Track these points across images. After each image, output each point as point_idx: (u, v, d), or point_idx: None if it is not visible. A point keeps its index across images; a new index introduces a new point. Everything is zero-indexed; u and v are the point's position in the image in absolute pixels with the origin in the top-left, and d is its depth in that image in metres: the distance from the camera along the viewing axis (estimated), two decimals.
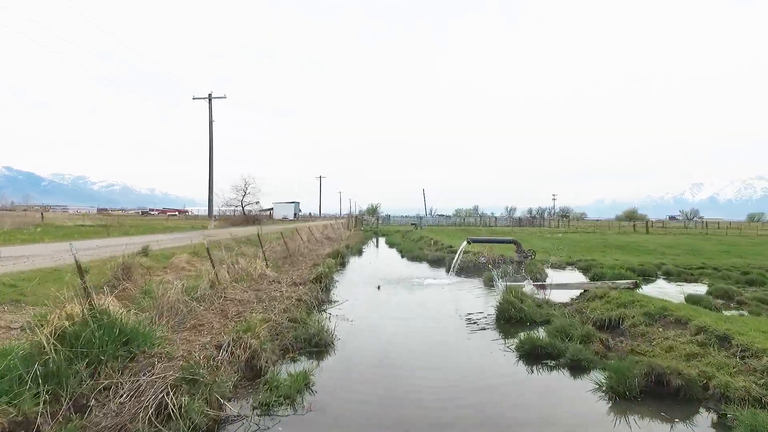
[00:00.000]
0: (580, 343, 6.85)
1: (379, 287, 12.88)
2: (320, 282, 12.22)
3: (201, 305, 7.99)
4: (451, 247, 22.71)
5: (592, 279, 14.56)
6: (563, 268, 17.73)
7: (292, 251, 18.33)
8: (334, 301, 10.77)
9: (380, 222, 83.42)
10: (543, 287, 11.00)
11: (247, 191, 56.56)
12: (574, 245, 29.89)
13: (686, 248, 26.75)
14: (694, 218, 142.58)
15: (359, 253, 24.86)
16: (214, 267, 10.27)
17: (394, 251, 27.49)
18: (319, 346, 7.05)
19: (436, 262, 19.81)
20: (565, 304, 9.72)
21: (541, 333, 7.67)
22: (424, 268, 18.61)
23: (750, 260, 19.80)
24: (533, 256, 14.51)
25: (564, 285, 10.60)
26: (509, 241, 14.60)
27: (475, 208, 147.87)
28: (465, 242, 14.03)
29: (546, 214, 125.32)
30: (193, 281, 9.29)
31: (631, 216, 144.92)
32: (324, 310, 9.62)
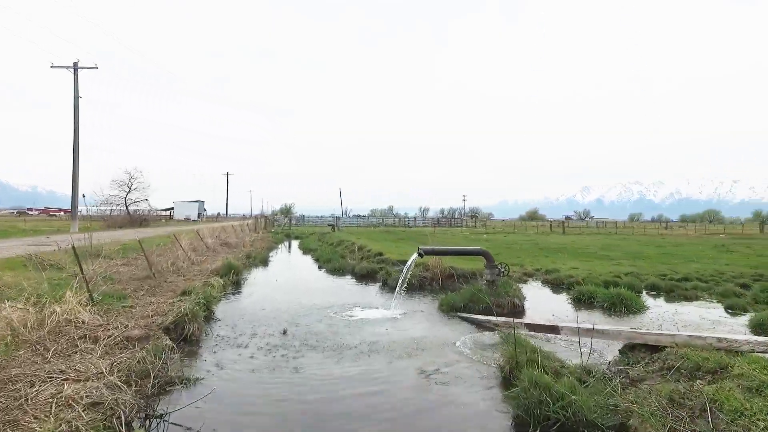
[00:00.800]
0: None
1: (285, 332, 7.99)
2: (181, 328, 7.11)
3: None
4: (380, 255, 18.25)
5: (579, 298, 10.93)
6: (525, 281, 14.07)
7: (162, 268, 12.72)
8: (195, 380, 5.66)
9: (294, 223, 77.16)
10: (553, 330, 6.87)
11: (132, 187, 47.95)
12: (506, 248, 27.07)
13: (626, 251, 24.86)
14: (586, 218, 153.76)
15: (264, 263, 19.49)
16: None
17: (309, 259, 22.43)
18: None
19: (366, 278, 15.20)
20: (623, 374, 5.55)
21: None
22: (351, 286, 13.89)
23: (709, 265, 17.67)
24: (507, 272, 10.48)
25: (602, 332, 6.39)
26: (476, 252, 10.42)
27: (390, 209, 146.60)
28: (416, 254, 9.59)
29: (457, 214, 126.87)
30: None
31: (533, 216, 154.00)
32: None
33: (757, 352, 4.56)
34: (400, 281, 9.82)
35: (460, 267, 13.75)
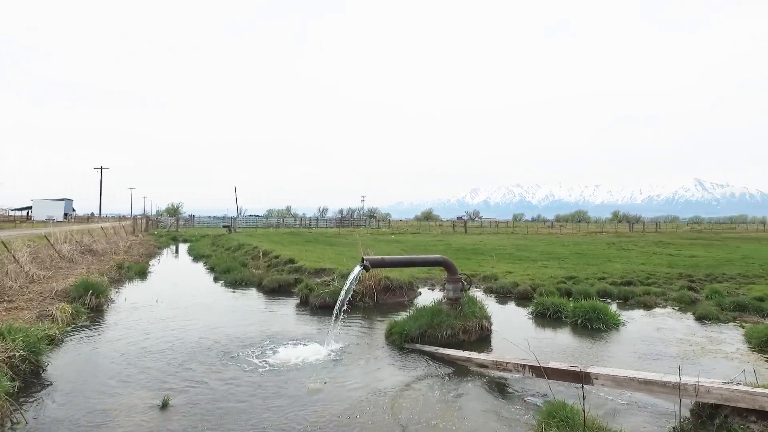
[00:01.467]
0: None
1: (165, 404, 4.91)
2: None
3: None
4: (293, 263, 15.29)
5: (542, 312, 9.22)
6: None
7: None
8: None
9: (182, 224, 69.35)
10: (578, 378, 4.77)
11: None
12: (422, 249, 25.63)
13: (540, 251, 24.63)
14: (476, 218, 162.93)
15: (142, 275, 15.42)
16: None
17: (201, 268, 18.60)
18: None
19: (278, 293, 12.21)
20: None
21: None
22: (260, 306, 10.82)
23: (629, 266, 17.52)
24: (470, 285, 8.35)
25: (646, 382, 4.36)
26: (436, 262, 8.10)
27: (289, 209, 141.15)
28: (359, 267, 7.02)
29: (356, 215, 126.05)
30: None
31: (428, 216, 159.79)
32: None
33: None
34: (338, 305, 7.16)
35: (395, 277, 11.45)
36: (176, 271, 18.16)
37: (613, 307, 10.18)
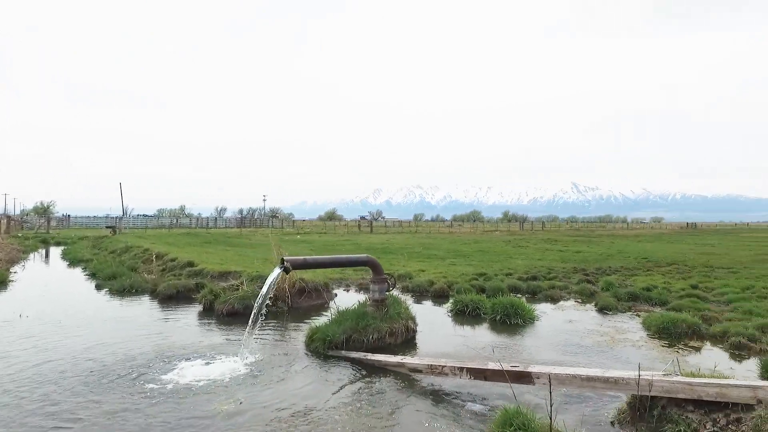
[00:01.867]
0: None
1: None
2: None
3: None
4: (192, 266, 13.83)
5: (462, 310, 9.20)
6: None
7: None
8: None
9: (54, 225, 61.01)
10: (522, 377, 4.59)
11: None
12: (329, 249, 25.08)
13: (447, 249, 25.36)
14: (379, 218, 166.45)
15: (1, 284, 12.94)
16: None
17: (80, 274, 16.18)
18: None
19: (175, 300, 10.86)
20: None
21: None
22: (156, 315, 9.46)
23: (530, 262, 18.61)
24: (395, 284, 7.98)
25: (604, 380, 4.26)
26: (361, 262, 7.58)
27: (182, 208, 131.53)
28: (278, 269, 6.30)
29: (257, 215, 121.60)
30: None
31: (332, 216, 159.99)
32: None
33: None
34: (255, 311, 6.35)
35: (310, 279, 10.77)
36: (48, 279, 15.58)
37: (521, 300, 10.50)
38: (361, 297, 10.02)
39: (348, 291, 12.26)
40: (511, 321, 8.52)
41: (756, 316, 8.34)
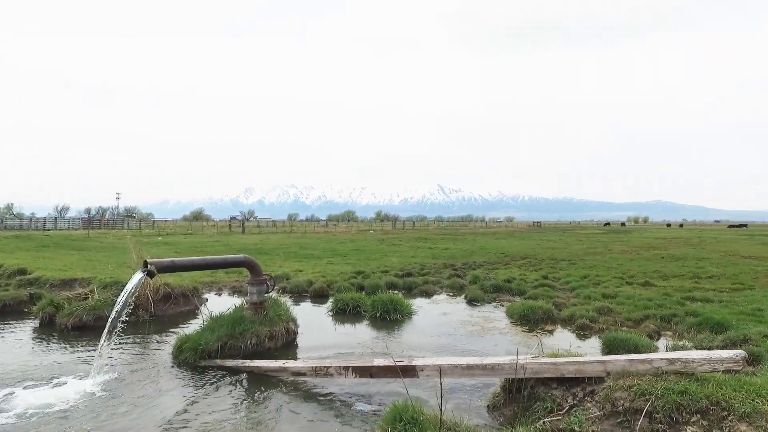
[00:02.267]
0: None
1: None
2: None
3: None
4: (25, 273, 11.65)
5: (342, 308, 9.17)
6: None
7: None
8: None
9: None
10: (409, 372, 4.65)
11: None
12: (198, 251, 23.39)
13: (323, 248, 25.25)
14: (251, 218, 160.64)
15: None
16: None
17: None
18: None
19: (2, 314, 9.02)
20: None
21: None
22: None
23: (404, 259, 19.38)
24: (274, 285, 7.56)
25: (471, 367, 4.46)
26: (238, 262, 6.98)
27: (9, 207, 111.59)
28: (140, 273, 5.53)
29: (108, 215, 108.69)
30: None
31: (199, 216, 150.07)
32: None
33: (718, 371, 3.68)
34: (110, 322, 5.47)
35: (177, 284, 9.79)
36: None
37: (399, 296, 10.83)
38: (236, 301, 9.42)
39: (221, 295, 11.43)
40: (390, 317, 8.69)
41: (594, 300, 9.69)
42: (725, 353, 3.65)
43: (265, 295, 7.02)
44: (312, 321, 8.68)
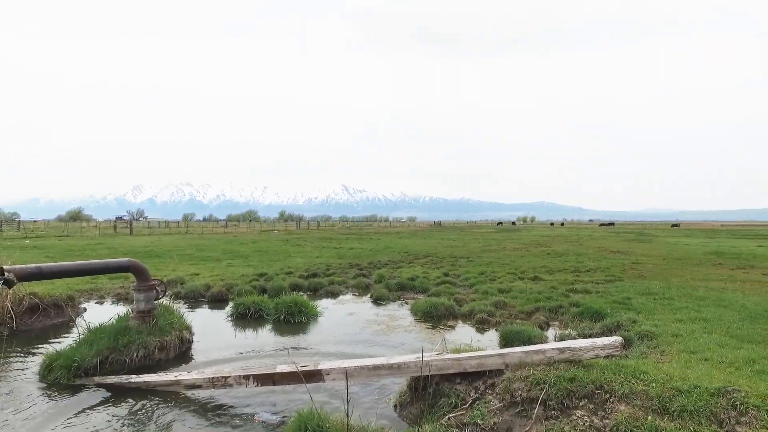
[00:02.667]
0: None
1: None
2: None
3: None
4: None
5: (243, 313, 8.73)
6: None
7: None
8: None
9: None
10: (312, 376, 4.48)
11: None
12: (75, 255, 20.98)
13: (223, 250, 23.96)
14: (140, 218, 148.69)
15: None
16: None
17: None
18: None
19: None
20: None
21: None
22: None
23: (309, 260, 19.06)
24: (165, 290, 6.88)
25: (376, 368, 4.41)
26: (120, 267, 6.19)
27: None
28: None
29: None
30: None
31: (77, 216, 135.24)
32: None
33: (601, 357, 4.00)
34: None
35: (46, 293, 8.57)
36: None
37: (304, 297, 10.57)
38: (122, 309, 8.49)
39: (103, 303, 10.25)
40: (295, 319, 8.42)
41: (491, 295, 10.25)
42: (606, 340, 4.01)
43: (155, 302, 6.39)
44: (209, 328, 8.10)
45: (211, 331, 7.85)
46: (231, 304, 9.53)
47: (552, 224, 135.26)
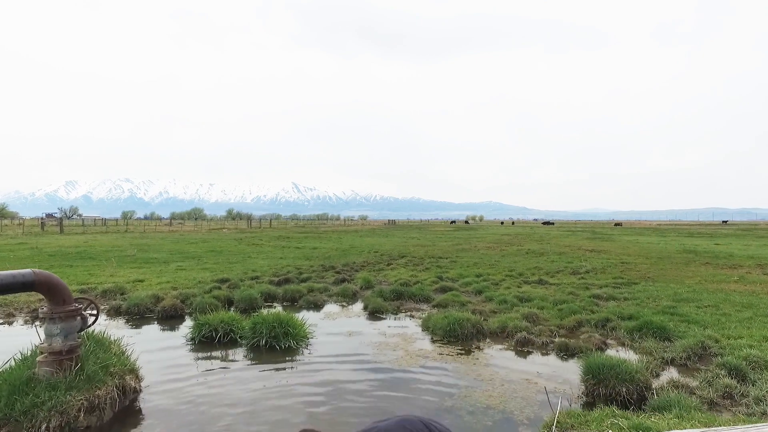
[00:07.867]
0: None
1: None
2: None
3: None
4: None
5: (208, 336, 6.60)
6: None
7: None
8: None
9: None
10: None
11: None
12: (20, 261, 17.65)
13: (169, 251, 21.14)
14: (74, 216, 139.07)
15: None
16: None
17: None
18: None
19: None
20: None
21: None
22: None
23: (274, 261, 16.80)
24: (98, 313, 4.63)
25: None
26: (22, 283, 3.93)
27: None
28: None
29: None
30: None
31: (1, 214, 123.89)
32: None
33: None
34: None
35: None
36: None
37: (289, 314, 8.46)
38: (35, 338, 6.05)
39: (12, 323, 7.68)
40: (281, 344, 6.34)
41: (512, 305, 8.60)
42: None
43: (81, 333, 4.16)
44: (163, 363, 5.81)
45: (167, 370, 5.56)
46: (189, 322, 7.30)
47: (502, 223, 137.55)
